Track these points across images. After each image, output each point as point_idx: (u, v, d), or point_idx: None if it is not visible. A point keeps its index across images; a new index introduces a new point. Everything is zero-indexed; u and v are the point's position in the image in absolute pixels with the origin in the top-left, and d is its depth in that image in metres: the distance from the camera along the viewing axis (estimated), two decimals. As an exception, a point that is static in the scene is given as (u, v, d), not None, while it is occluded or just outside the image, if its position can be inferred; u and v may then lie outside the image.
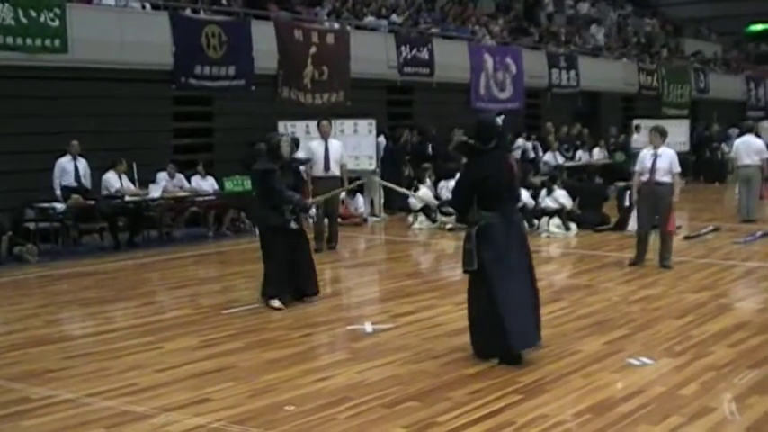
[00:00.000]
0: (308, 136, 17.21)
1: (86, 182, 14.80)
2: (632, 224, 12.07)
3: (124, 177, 15.08)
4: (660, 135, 12.00)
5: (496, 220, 7.27)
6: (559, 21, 32.96)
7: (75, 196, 14.14)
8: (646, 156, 11.98)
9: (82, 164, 14.82)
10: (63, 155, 14.68)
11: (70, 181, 14.56)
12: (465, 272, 7.46)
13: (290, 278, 9.73)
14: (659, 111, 31.26)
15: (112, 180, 14.95)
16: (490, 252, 7.21)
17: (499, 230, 7.27)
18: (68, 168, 14.67)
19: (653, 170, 11.77)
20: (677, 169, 11.87)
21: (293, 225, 9.71)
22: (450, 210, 9.96)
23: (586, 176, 21.99)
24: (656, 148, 11.90)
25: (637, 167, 12.25)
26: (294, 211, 9.72)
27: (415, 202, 17.17)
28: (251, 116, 17.62)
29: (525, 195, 15.95)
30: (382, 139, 19.86)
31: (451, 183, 16.83)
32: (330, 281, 12.47)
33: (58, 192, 14.34)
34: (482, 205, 7.29)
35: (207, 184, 16.60)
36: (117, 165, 14.95)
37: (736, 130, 27.07)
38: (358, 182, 15.08)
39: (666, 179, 11.77)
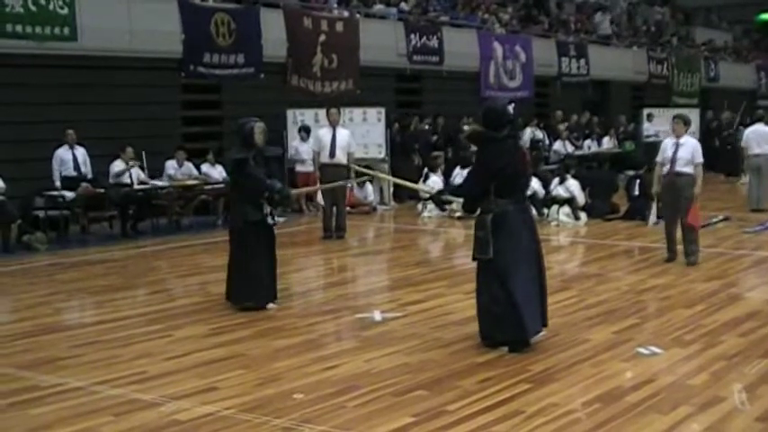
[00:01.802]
0: (317, 124, 17.28)
1: (87, 170, 14.76)
2: (652, 217, 11.51)
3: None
4: (684, 123, 11.51)
5: (511, 207, 7.28)
6: (569, 9, 32.85)
7: (84, 184, 14.15)
8: (667, 145, 11.45)
9: (80, 152, 14.76)
10: (60, 145, 14.64)
11: (70, 170, 14.52)
12: (475, 260, 7.41)
13: (273, 278, 9.21)
14: (669, 99, 31.15)
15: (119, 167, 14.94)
16: (505, 240, 7.19)
17: (514, 218, 7.29)
18: (66, 158, 14.61)
19: (673, 160, 11.25)
20: (699, 159, 11.28)
21: (270, 221, 9.11)
22: (449, 198, 9.80)
23: (596, 165, 21.93)
24: (678, 137, 11.36)
25: (658, 158, 11.65)
26: (274, 202, 9.25)
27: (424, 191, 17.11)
28: (260, 104, 17.52)
29: (536, 184, 15.93)
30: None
31: (465, 171, 16.84)
32: (338, 269, 12.48)
33: (58, 183, 14.30)
34: (497, 193, 7.25)
35: (216, 172, 16.59)
36: (122, 153, 14.91)
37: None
38: (360, 179, 14.69)
39: (687, 170, 11.22)
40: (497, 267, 7.21)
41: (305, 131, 17.65)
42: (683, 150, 11.28)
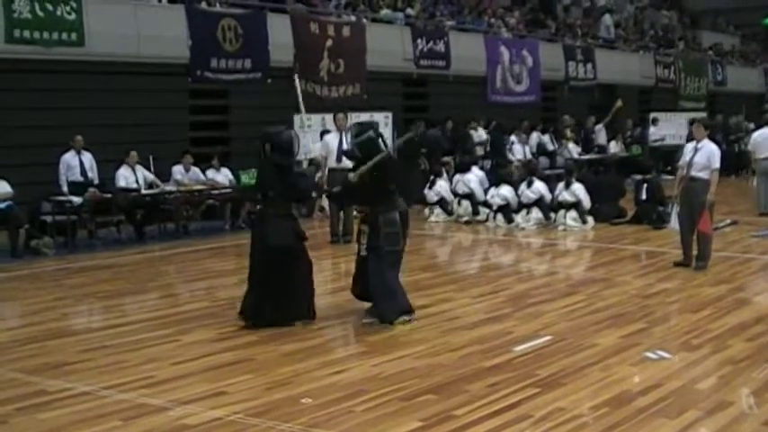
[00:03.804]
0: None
1: (93, 175, 14.74)
2: (673, 221, 11.61)
3: (139, 169, 15.03)
4: (704, 128, 11.46)
5: (405, 206, 8.73)
6: (576, 13, 32.84)
7: (91, 189, 14.17)
8: (688, 149, 11.42)
9: (87, 158, 14.71)
10: (67, 150, 14.60)
11: (76, 176, 14.49)
12: (374, 251, 8.35)
13: (305, 296, 8.80)
14: (676, 104, 31.11)
15: (125, 173, 14.95)
16: (403, 233, 8.50)
17: (406, 215, 8.71)
18: (73, 163, 14.57)
19: (690, 164, 11.15)
20: (715, 165, 11.13)
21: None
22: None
23: (603, 169, 21.89)
24: (698, 141, 11.27)
25: (680, 161, 11.65)
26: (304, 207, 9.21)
27: (431, 195, 17.10)
28: (267, 109, 17.59)
29: (543, 188, 15.94)
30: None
31: (467, 176, 16.90)
32: (345, 274, 12.46)
33: (65, 188, 14.30)
34: (403, 194, 8.65)
35: (222, 176, 16.59)
36: (127, 157, 14.91)
37: (751, 124, 26.77)
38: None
39: (702, 175, 11.10)
40: (396, 256, 8.45)
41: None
42: (699, 155, 11.18)
